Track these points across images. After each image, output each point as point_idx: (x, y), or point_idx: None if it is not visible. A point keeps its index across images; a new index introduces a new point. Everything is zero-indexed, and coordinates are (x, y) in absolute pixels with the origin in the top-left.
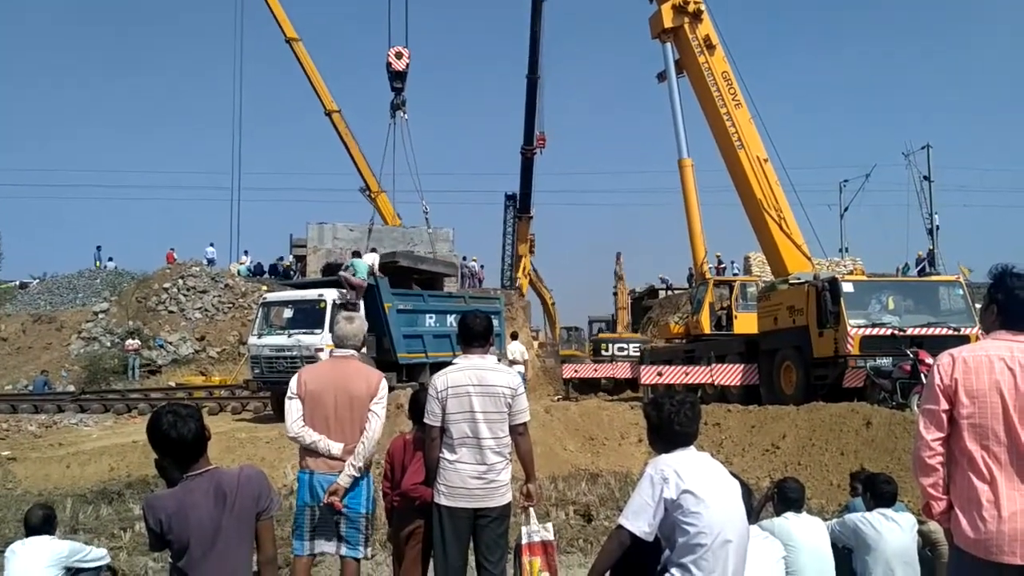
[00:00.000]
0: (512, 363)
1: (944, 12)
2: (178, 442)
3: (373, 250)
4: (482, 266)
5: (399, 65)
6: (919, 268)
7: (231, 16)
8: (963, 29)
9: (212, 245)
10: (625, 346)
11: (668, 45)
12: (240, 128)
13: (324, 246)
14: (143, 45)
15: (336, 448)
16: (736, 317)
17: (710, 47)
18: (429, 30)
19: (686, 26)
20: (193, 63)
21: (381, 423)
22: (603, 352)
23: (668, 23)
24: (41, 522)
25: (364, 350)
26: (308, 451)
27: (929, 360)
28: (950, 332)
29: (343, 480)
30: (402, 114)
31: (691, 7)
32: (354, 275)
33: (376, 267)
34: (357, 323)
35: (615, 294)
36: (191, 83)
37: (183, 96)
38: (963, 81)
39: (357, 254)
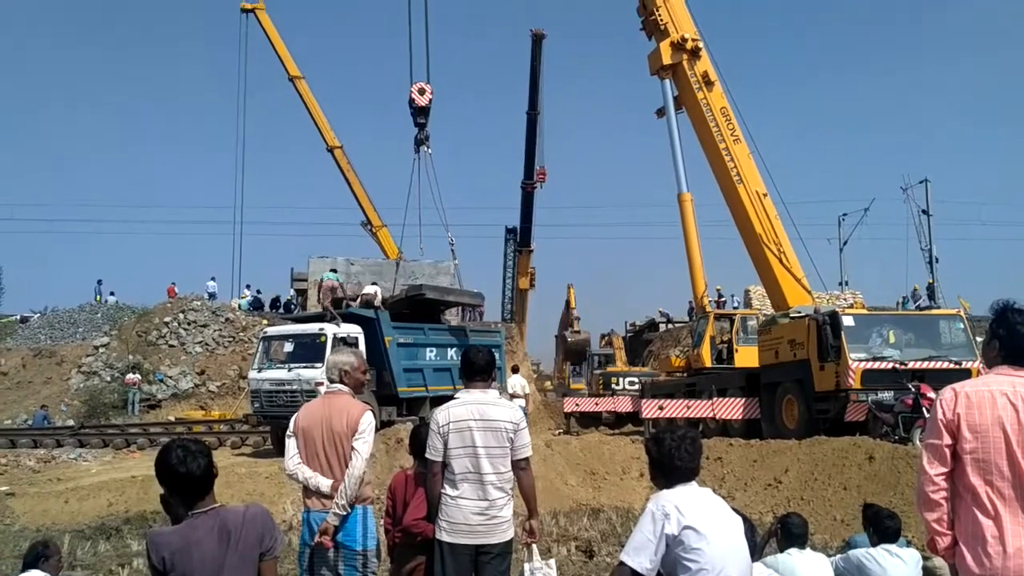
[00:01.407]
0: (513, 397)
1: (943, 47)
2: (186, 477)
3: (374, 283)
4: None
5: (422, 101)
6: (916, 303)
7: (234, 51)
8: (962, 65)
9: (213, 279)
10: (636, 379)
11: (667, 81)
12: (243, 163)
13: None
14: (144, 78)
15: (325, 485)
16: (737, 351)
17: (708, 83)
18: (432, 62)
19: (684, 63)
20: (195, 97)
21: (363, 460)
22: (614, 386)
23: (667, 60)
24: (33, 558)
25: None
26: (306, 490)
27: (931, 394)
28: (951, 366)
29: (330, 519)
30: (426, 149)
31: (689, 44)
32: (323, 280)
33: (379, 299)
34: (335, 356)
35: (608, 343)
36: (193, 117)
37: (185, 129)
38: (962, 116)
39: (334, 271)
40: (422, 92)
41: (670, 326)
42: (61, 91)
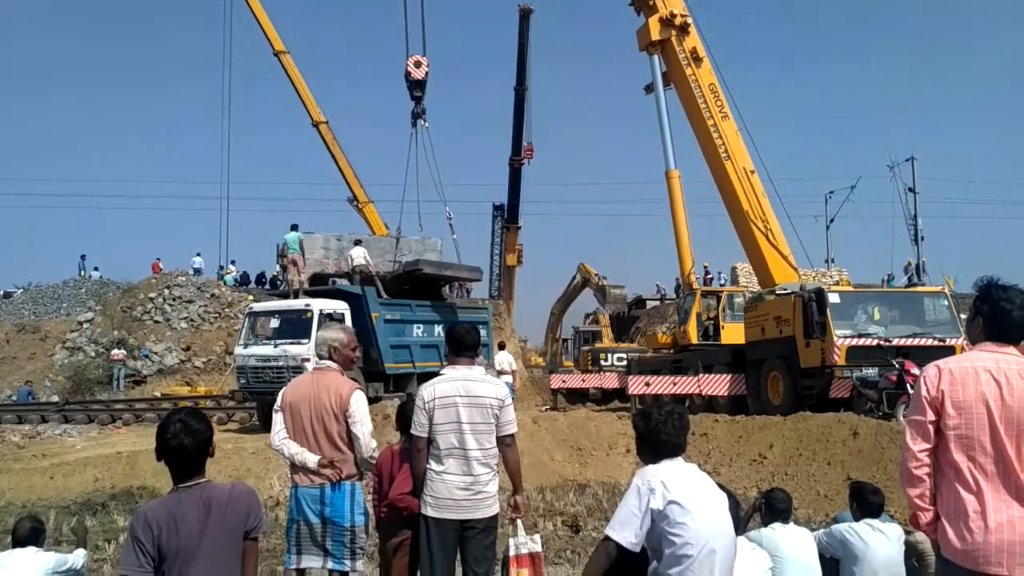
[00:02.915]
0: (500, 373)
1: (931, 25)
2: (176, 451)
3: (358, 242)
4: None
5: (418, 74)
6: (907, 276)
7: (218, 25)
8: (950, 43)
9: (199, 255)
10: (624, 356)
11: (655, 57)
12: (229, 140)
13: (311, 256)
14: (128, 52)
15: (312, 460)
16: (723, 327)
17: (697, 60)
18: (418, 40)
19: (673, 39)
20: (179, 71)
21: (365, 438)
22: (602, 362)
23: (655, 36)
24: (28, 534)
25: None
26: (293, 465)
27: (915, 370)
28: (935, 343)
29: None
30: (422, 123)
31: (678, 20)
32: (287, 251)
33: (368, 259)
34: (324, 332)
35: (594, 321)
36: (177, 91)
37: (169, 104)
38: (949, 93)
39: (295, 227)
40: (418, 65)
41: (661, 302)
42: (42, 66)
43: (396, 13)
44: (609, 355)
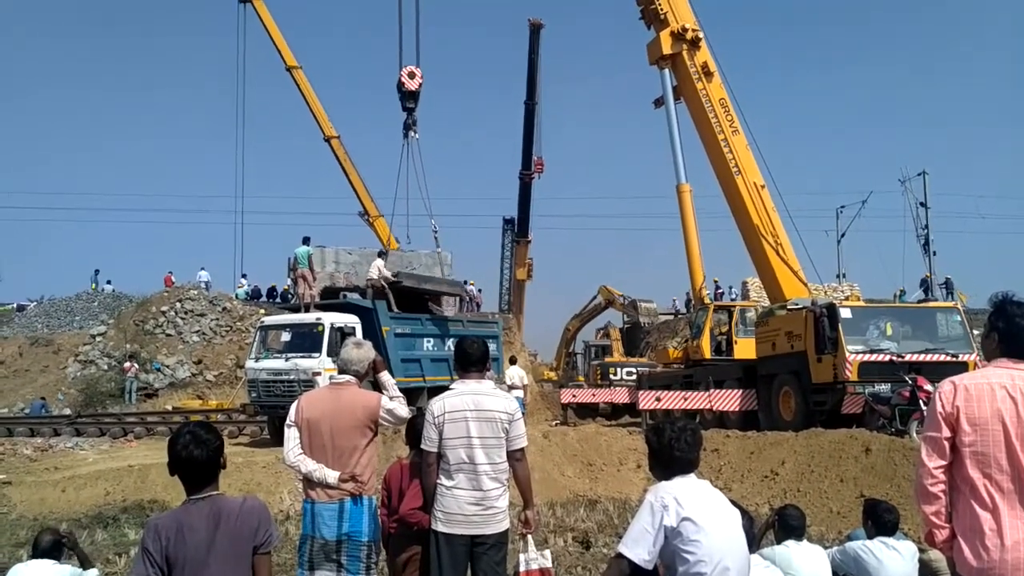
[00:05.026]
0: (511, 388)
1: (942, 40)
2: (187, 463)
3: (381, 254)
4: (480, 290)
5: (412, 85)
6: (923, 288)
7: (231, 40)
8: (961, 57)
9: (204, 269)
10: (633, 370)
11: (666, 71)
12: (243, 157)
13: (323, 270)
14: (141, 66)
15: (332, 476)
16: (736, 343)
17: (708, 74)
18: (427, 52)
19: (684, 53)
20: (192, 86)
21: (401, 413)
22: (612, 377)
23: (666, 50)
24: (49, 547)
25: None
26: (308, 481)
27: (928, 386)
28: (948, 359)
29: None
30: (413, 134)
31: (689, 35)
32: (297, 265)
33: (383, 270)
34: (364, 350)
35: (604, 335)
36: (189, 106)
37: (181, 119)
38: (961, 108)
39: (306, 241)
40: (412, 76)
41: (676, 317)
42: (57, 79)
43: (393, 24)
44: (619, 369)
